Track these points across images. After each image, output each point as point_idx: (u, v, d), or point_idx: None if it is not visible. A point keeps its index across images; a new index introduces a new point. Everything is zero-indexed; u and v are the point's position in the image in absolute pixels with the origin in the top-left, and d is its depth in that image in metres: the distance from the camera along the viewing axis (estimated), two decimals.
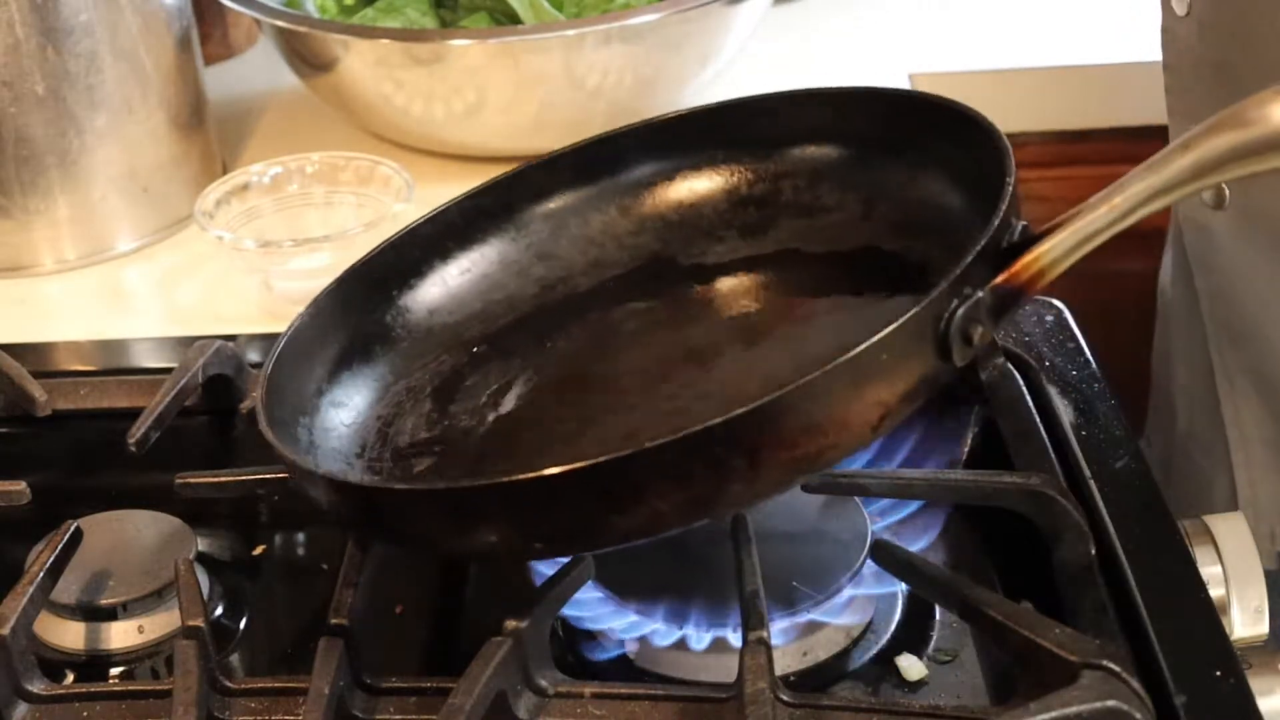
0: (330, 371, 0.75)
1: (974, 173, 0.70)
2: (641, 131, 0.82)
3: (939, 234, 0.72)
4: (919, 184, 0.75)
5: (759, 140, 0.80)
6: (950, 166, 0.73)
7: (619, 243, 0.81)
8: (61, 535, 0.71)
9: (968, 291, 0.62)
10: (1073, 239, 0.63)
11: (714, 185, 0.81)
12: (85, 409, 0.85)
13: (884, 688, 0.67)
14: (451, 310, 0.79)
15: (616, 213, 0.81)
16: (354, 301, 0.77)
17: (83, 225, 1.03)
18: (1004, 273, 0.63)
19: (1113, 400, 0.79)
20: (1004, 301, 0.63)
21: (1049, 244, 0.64)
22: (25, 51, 0.97)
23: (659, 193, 0.81)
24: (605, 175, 0.81)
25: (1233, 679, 0.62)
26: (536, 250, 0.81)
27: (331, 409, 0.74)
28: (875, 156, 0.77)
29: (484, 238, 0.81)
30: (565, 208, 0.81)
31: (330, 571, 0.71)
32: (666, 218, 0.81)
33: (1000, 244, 0.64)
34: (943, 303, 0.61)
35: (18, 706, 0.66)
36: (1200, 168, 0.61)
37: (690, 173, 0.81)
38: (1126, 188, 0.63)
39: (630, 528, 0.61)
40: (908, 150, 0.75)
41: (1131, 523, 0.70)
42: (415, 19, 1.12)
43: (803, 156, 0.79)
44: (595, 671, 0.68)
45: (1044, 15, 1.30)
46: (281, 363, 0.71)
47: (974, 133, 0.70)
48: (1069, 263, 0.64)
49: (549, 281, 0.80)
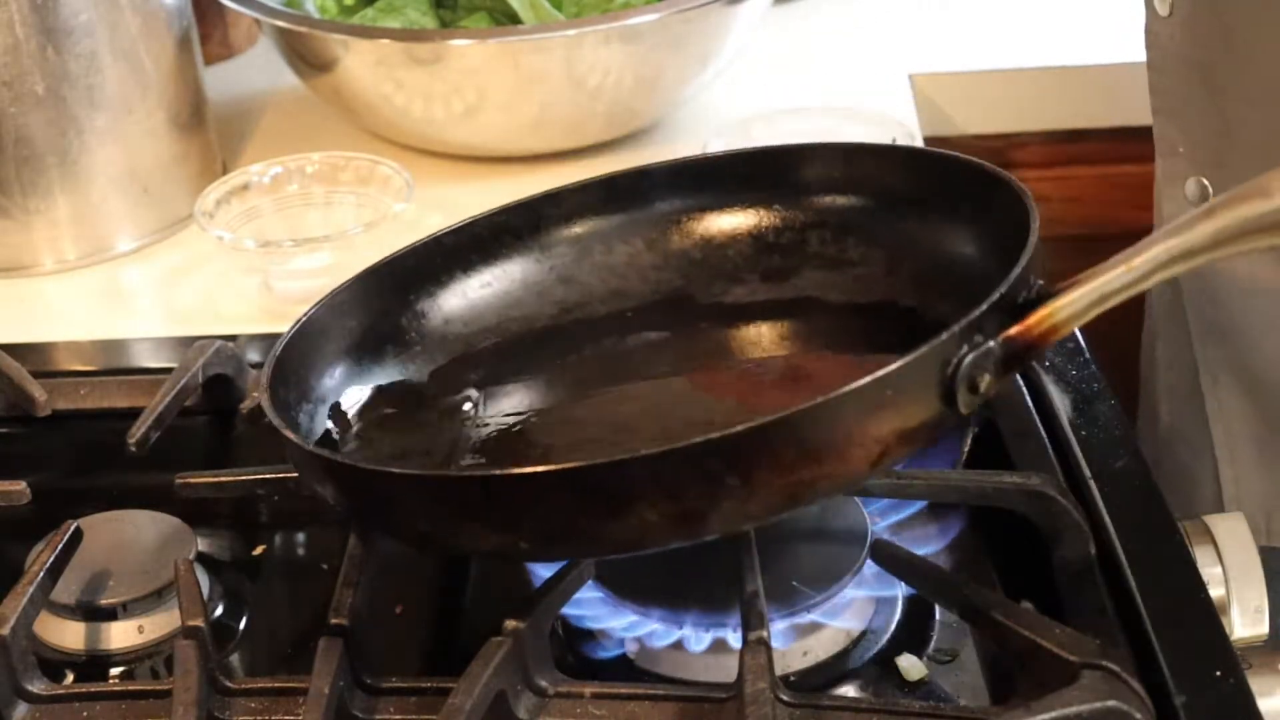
0: (339, 363, 0.75)
1: (1001, 236, 0.70)
2: (676, 168, 0.83)
3: (960, 294, 0.73)
4: (945, 243, 0.75)
5: (790, 187, 0.80)
6: (977, 229, 0.73)
7: (641, 275, 0.81)
8: (61, 535, 0.71)
9: (978, 339, 0.62)
10: (1088, 297, 0.63)
11: (741, 228, 0.81)
12: (85, 409, 0.85)
13: (884, 688, 0.67)
14: (467, 321, 0.79)
15: (642, 245, 0.81)
16: (371, 299, 0.77)
17: (83, 225, 1.03)
18: (1017, 325, 0.63)
19: (1113, 400, 0.79)
20: (1014, 354, 0.63)
21: (1063, 300, 0.63)
22: (25, 51, 0.97)
23: (686, 229, 0.81)
24: (635, 206, 0.82)
25: (1233, 679, 0.62)
26: (559, 273, 0.81)
27: (335, 400, 0.74)
28: (904, 213, 0.77)
29: (508, 254, 0.81)
30: (591, 234, 0.81)
31: (330, 571, 0.71)
32: (690, 255, 0.81)
33: (1017, 298, 0.64)
34: (952, 346, 0.61)
35: (18, 706, 0.66)
36: (1222, 236, 0.61)
37: (720, 213, 0.81)
38: (1146, 250, 0.62)
39: (621, 538, 0.61)
40: (937, 209, 0.75)
41: (1131, 523, 0.70)
42: (415, 19, 1.12)
43: (832, 207, 0.79)
44: (595, 671, 0.68)
45: (1044, 15, 1.30)
46: (292, 347, 0.72)
47: (1003, 195, 0.70)
48: (1083, 320, 0.64)
49: (567, 305, 0.80)
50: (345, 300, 0.76)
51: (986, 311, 0.62)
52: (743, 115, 1.05)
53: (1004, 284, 0.63)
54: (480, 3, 1.12)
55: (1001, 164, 1.27)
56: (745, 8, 1.08)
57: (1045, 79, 1.23)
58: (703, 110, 1.16)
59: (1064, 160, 1.25)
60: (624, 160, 1.11)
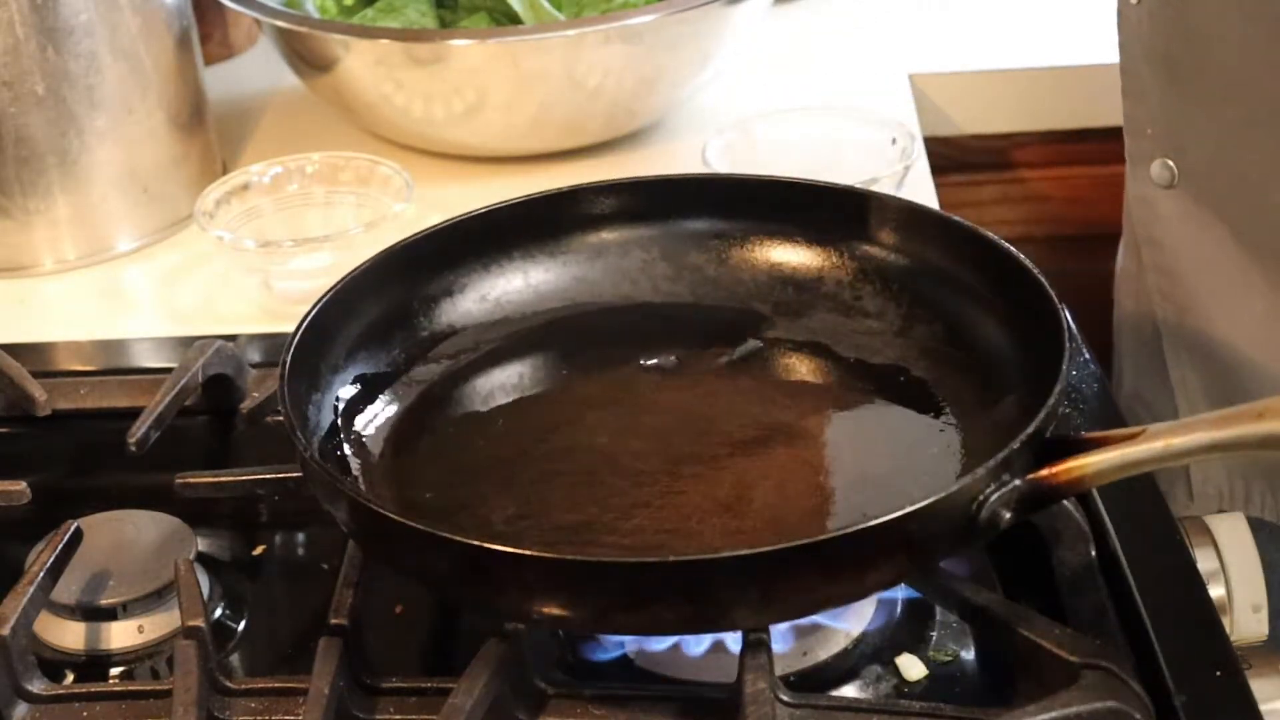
0: (348, 351, 0.75)
1: (1026, 332, 0.71)
2: (705, 183, 0.83)
3: (973, 375, 0.73)
4: (965, 320, 0.75)
5: (817, 224, 0.80)
6: (1002, 319, 0.73)
7: (654, 285, 0.81)
8: (61, 535, 0.71)
9: (1005, 478, 0.62)
10: (1119, 461, 0.62)
11: (760, 255, 0.81)
12: (85, 409, 0.85)
13: (884, 688, 0.67)
14: (475, 311, 0.80)
15: (659, 254, 0.82)
16: (382, 284, 0.77)
17: (83, 225, 1.03)
18: (1045, 469, 0.63)
19: (1112, 400, 0.79)
20: (1037, 496, 0.63)
21: (1095, 459, 0.62)
22: (25, 51, 0.97)
23: (705, 247, 0.82)
24: (659, 217, 0.82)
25: (1233, 679, 0.62)
26: (574, 270, 0.81)
27: (341, 388, 0.74)
28: (931, 278, 0.77)
29: (525, 245, 0.81)
30: (611, 235, 0.82)
31: (330, 571, 0.71)
32: (705, 272, 0.81)
33: (1045, 433, 0.63)
34: (981, 484, 0.61)
35: (18, 706, 0.66)
36: (1268, 440, 0.60)
37: (741, 236, 0.81)
38: (1190, 432, 0.61)
39: (627, 624, 0.63)
40: (966, 285, 0.75)
41: (1131, 523, 0.70)
42: (415, 19, 1.12)
43: (855, 254, 0.79)
44: (595, 671, 0.68)
45: (1044, 15, 1.30)
46: (307, 336, 0.72)
47: (1037, 300, 0.70)
48: (1109, 480, 0.64)
49: (578, 302, 0.81)
50: (355, 288, 0.76)
51: (1017, 450, 0.62)
52: (743, 115, 1.05)
53: (1034, 421, 0.63)
54: (480, 3, 1.12)
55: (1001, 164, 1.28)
56: (745, 8, 1.08)
57: (1045, 79, 1.23)
58: (702, 110, 1.16)
59: (1064, 160, 1.25)
60: (624, 160, 1.11)
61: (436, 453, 0.74)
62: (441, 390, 0.77)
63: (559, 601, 0.61)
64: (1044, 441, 0.63)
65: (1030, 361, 0.70)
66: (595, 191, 0.82)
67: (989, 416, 0.71)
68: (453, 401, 0.77)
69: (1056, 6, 1.31)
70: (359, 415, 0.74)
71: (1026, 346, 0.71)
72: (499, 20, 1.11)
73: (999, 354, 0.73)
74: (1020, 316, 0.72)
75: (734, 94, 1.18)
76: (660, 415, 0.76)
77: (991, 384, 0.72)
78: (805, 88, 1.21)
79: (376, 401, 0.75)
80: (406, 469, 0.73)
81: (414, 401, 0.76)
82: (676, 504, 0.69)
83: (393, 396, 0.76)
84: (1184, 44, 0.91)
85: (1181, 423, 0.62)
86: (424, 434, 0.75)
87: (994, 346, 0.73)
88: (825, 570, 0.60)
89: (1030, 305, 0.71)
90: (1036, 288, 0.71)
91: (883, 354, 0.77)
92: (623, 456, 0.72)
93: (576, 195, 0.82)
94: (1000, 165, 1.26)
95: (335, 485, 0.64)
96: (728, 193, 0.82)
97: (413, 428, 0.75)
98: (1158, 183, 0.96)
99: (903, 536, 0.60)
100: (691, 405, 0.76)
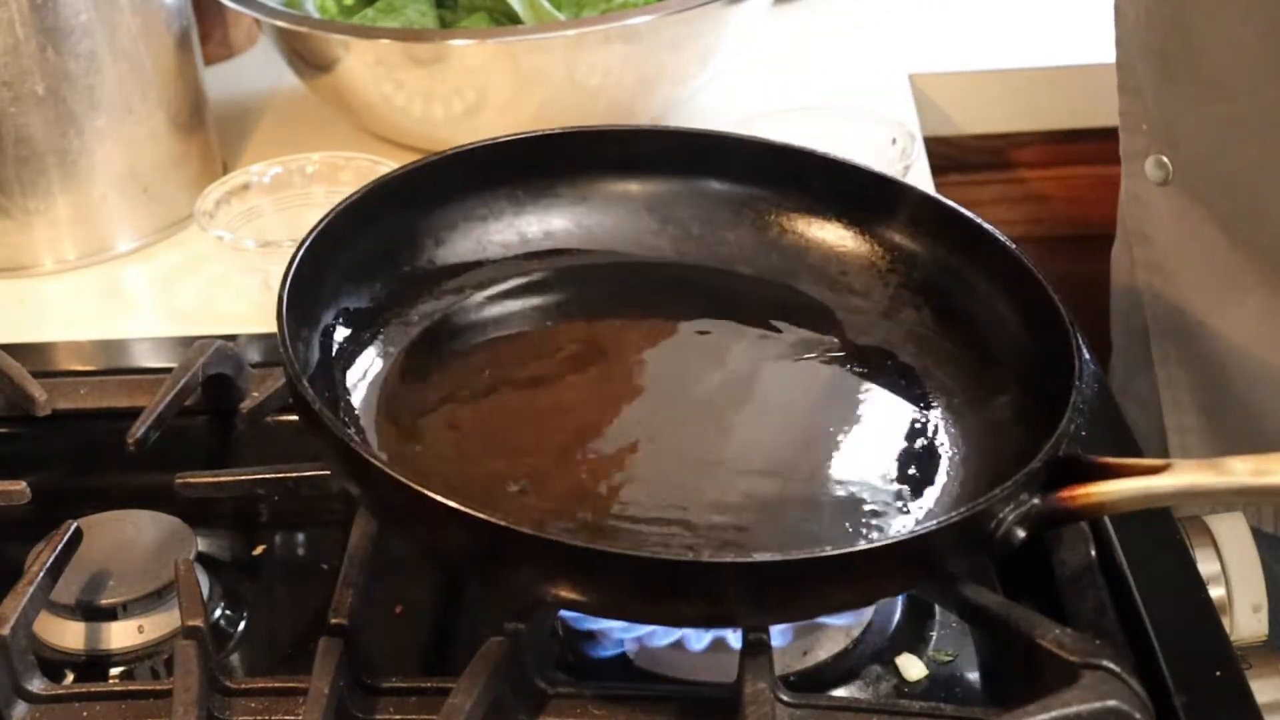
0: (338, 289, 0.74)
1: (1024, 335, 0.71)
2: (730, 144, 0.81)
3: (963, 370, 0.73)
4: (961, 313, 0.75)
5: (812, 193, 0.80)
6: (1002, 318, 0.73)
7: (639, 239, 0.81)
8: (61, 535, 0.71)
9: (1024, 498, 0.62)
10: (1142, 494, 0.62)
11: (743, 218, 0.80)
12: (85, 409, 0.85)
13: (884, 688, 0.67)
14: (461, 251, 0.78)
15: (643, 208, 0.81)
16: (369, 216, 0.75)
17: (83, 225, 1.03)
18: (1065, 491, 0.62)
19: (1114, 401, 0.79)
20: (1051, 517, 0.63)
21: (1117, 487, 0.62)
22: (25, 51, 0.97)
23: (692, 197, 0.81)
24: (659, 169, 0.81)
25: (1233, 679, 0.62)
26: (572, 217, 0.80)
27: (331, 326, 0.73)
28: (929, 269, 0.77)
29: (525, 183, 0.79)
30: (605, 183, 0.81)
31: (330, 571, 0.71)
32: (687, 227, 0.81)
33: (1059, 450, 0.63)
34: (1000, 506, 0.61)
35: (18, 706, 0.66)
36: None
37: (728, 194, 0.81)
38: (1220, 475, 0.60)
39: (637, 613, 0.63)
40: (968, 283, 0.75)
41: (1131, 523, 0.70)
42: (415, 19, 1.12)
43: (887, 241, 0.78)
44: (595, 671, 0.68)
45: (1044, 15, 1.30)
46: (299, 274, 0.70)
47: (1044, 308, 0.70)
48: (1127, 510, 0.63)
49: (568, 247, 0.80)
50: (342, 223, 0.74)
51: (1035, 471, 0.62)
52: (743, 115, 1.05)
53: (1050, 442, 0.62)
54: (480, 2, 1.12)
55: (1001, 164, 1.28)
56: (745, 8, 1.08)
57: (1045, 79, 1.23)
58: (702, 110, 1.16)
59: (1064, 160, 1.25)
60: None
61: (427, 399, 0.73)
62: (435, 332, 0.76)
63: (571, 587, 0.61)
64: (1062, 461, 0.63)
65: (1029, 364, 0.69)
66: (610, 136, 0.81)
67: (979, 414, 0.71)
68: (443, 345, 0.76)
69: (1056, 6, 1.31)
70: (353, 356, 0.73)
71: (1026, 348, 0.71)
72: (499, 20, 1.11)
73: (994, 351, 0.73)
74: (1023, 319, 0.72)
75: (734, 94, 1.18)
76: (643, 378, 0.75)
77: (984, 380, 0.72)
78: (805, 88, 1.21)
79: (369, 343, 0.74)
80: (398, 416, 0.71)
81: (409, 342, 0.75)
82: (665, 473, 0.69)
83: (386, 338, 0.75)
84: (1180, 41, 0.91)
85: (1211, 463, 0.61)
86: (416, 377, 0.74)
87: (990, 342, 0.73)
88: (842, 581, 0.60)
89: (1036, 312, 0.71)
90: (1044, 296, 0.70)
91: (869, 336, 0.77)
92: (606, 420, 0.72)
93: (597, 136, 0.81)
94: (1000, 165, 1.26)
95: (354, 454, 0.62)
96: (752, 158, 0.81)
97: (405, 370, 0.74)
98: (1151, 179, 0.96)
99: (922, 552, 0.60)
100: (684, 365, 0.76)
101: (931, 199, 0.79)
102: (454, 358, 0.75)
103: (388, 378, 0.73)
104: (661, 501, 0.67)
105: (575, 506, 0.67)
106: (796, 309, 0.78)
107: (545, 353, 0.76)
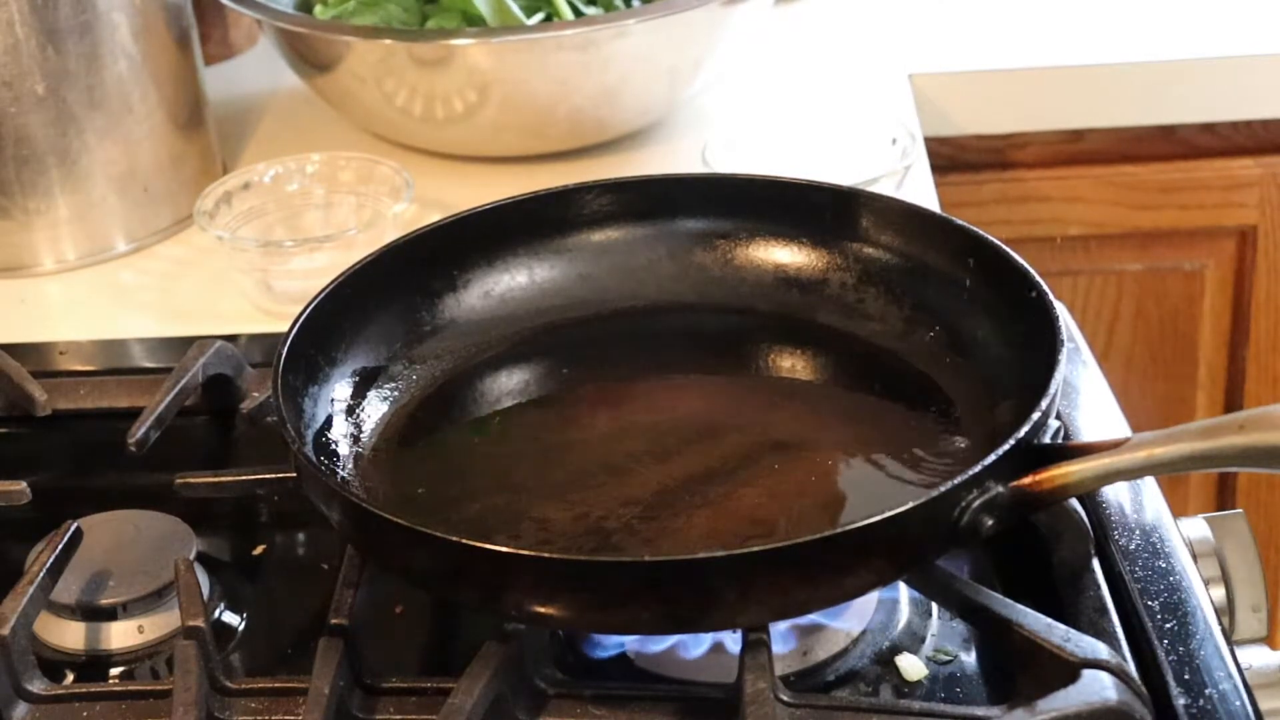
0: (347, 345, 0.75)
1: (1023, 337, 0.71)
2: (707, 183, 0.83)
3: (974, 382, 0.73)
4: (966, 326, 0.75)
5: (825, 226, 0.80)
6: (1002, 323, 0.73)
7: (658, 284, 0.82)
8: (61, 535, 0.71)
9: (989, 485, 0.62)
10: (1102, 470, 0.62)
11: (765, 257, 0.81)
12: (85, 409, 0.85)
13: (884, 688, 0.67)
14: (478, 308, 0.80)
15: (665, 253, 0.82)
16: (385, 279, 0.77)
17: (83, 225, 1.03)
18: (1028, 476, 0.63)
19: (1113, 400, 0.79)
20: (1020, 503, 0.63)
21: (1078, 467, 0.63)
22: (25, 51, 0.97)
23: (710, 247, 0.82)
24: (664, 215, 0.82)
25: (1233, 679, 0.62)
26: (579, 268, 0.81)
27: (339, 382, 0.74)
28: (930, 282, 0.77)
29: (530, 242, 0.81)
30: (615, 234, 0.82)
31: (330, 571, 0.71)
32: (709, 272, 0.81)
33: (1031, 442, 0.63)
34: (962, 492, 0.61)
35: (18, 706, 0.66)
36: (1248, 453, 0.60)
37: (747, 237, 0.82)
38: (1173, 443, 0.61)
39: (608, 623, 0.63)
40: (965, 290, 0.76)
41: (1131, 523, 0.70)
42: (396, 14, 1.11)
43: (860, 255, 0.79)
44: (595, 671, 0.68)
45: (1044, 15, 1.30)
46: (303, 328, 0.72)
47: (1035, 305, 0.70)
48: (1092, 489, 0.64)
49: (581, 299, 0.81)
50: (358, 281, 0.76)
51: (1000, 458, 0.62)
52: (743, 115, 1.05)
53: (1018, 429, 0.63)
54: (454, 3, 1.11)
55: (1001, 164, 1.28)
56: (743, 9, 1.08)
57: (1045, 79, 1.23)
58: (703, 110, 1.16)
59: (1064, 160, 1.25)
60: (624, 160, 1.11)
61: (432, 449, 0.74)
62: (441, 387, 0.77)
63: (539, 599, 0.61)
64: (1030, 449, 0.63)
65: (1028, 366, 0.70)
66: (597, 190, 0.82)
67: (988, 421, 0.71)
68: (451, 398, 0.77)
69: (1056, 6, 1.31)
70: (357, 409, 0.74)
71: (1025, 350, 0.71)
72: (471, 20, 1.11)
73: (999, 358, 0.73)
74: (1019, 320, 0.72)
75: (734, 94, 1.18)
76: (658, 415, 0.76)
77: (992, 388, 0.72)
78: (805, 88, 1.21)
79: (374, 396, 0.75)
80: (402, 464, 0.73)
81: (412, 397, 0.76)
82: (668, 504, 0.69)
83: (391, 391, 0.76)
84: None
85: (1165, 433, 0.62)
86: (421, 430, 0.75)
87: (994, 351, 0.73)
88: (801, 574, 0.60)
89: (1028, 310, 0.71)
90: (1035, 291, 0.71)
91: (884, 357, 0.77)
92: (617, 456, 0.72)
93: (579, 193, 0.82)
94: (1000, 165, 1.26)
95: (323, 481, 0.64)
96: (730, 192, 0.82)
97: (410, 423, 0.75)
98: None
99: (881, 541, 0.60)
100: (691, 406, 0.76)
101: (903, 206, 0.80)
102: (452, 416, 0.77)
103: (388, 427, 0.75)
104: (652, 525, 0.67)
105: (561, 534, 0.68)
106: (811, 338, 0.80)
107: (553, 398, 0.78)
